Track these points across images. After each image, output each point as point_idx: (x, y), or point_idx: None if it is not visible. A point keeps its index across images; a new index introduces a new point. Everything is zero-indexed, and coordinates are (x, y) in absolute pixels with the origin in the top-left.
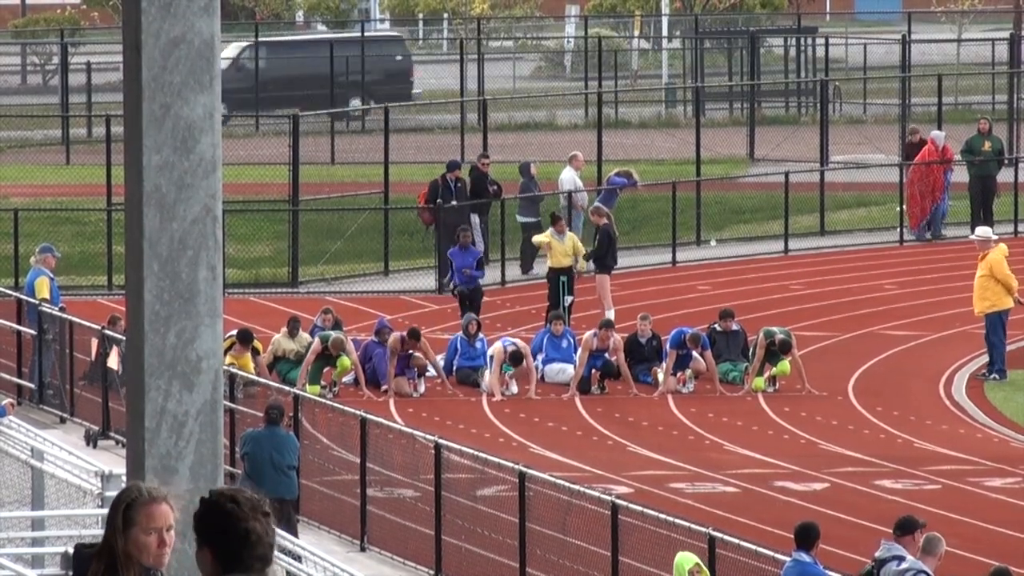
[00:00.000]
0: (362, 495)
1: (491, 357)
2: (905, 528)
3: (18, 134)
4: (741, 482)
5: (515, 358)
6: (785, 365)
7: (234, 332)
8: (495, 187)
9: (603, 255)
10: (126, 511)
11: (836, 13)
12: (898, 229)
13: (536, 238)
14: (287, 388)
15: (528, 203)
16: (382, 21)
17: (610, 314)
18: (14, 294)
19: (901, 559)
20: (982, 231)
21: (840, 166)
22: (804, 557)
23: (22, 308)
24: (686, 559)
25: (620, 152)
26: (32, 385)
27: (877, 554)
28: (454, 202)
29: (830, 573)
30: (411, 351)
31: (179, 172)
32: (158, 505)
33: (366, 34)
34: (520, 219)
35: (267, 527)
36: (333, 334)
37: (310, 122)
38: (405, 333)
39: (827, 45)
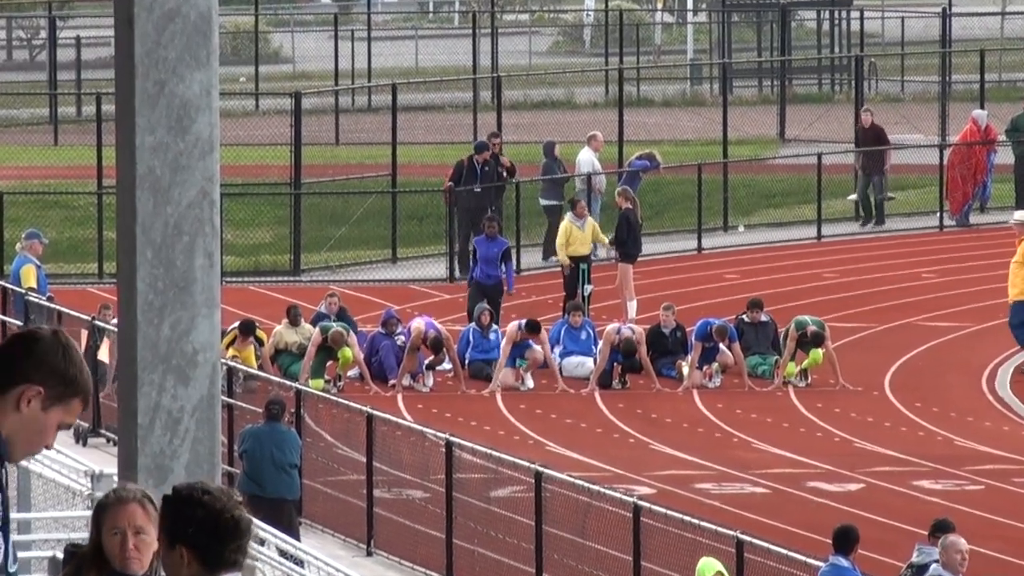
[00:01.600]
0: (368, 496)
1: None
2: (943, 531)
3: (3, 113)
4: (771, 482)
5: (435, 345)
6: (817, 354)
7: (236, 324)
8: (503, 169)
9: (623, 242)
10: (96, 515)
11: None
12: (938, 214)
13: (560, 254)
14: (289, 382)
15: (552, 185)
16: None
17: (632, 305)
18: None
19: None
20: (1021, 215)
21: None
22: (842, 562)
23: (8, 297)
24: (709, 566)
25: (642, 132)
26: None
27: (914, 559)
28: (477, 187)
29: None
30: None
31: (174, 153)
32: (124, 505)
33: None
34: (544, 202)
35: (244, 515)
36: (334, 326)
37: (313, 100)
38: (428, 337)
39: (862, 18)
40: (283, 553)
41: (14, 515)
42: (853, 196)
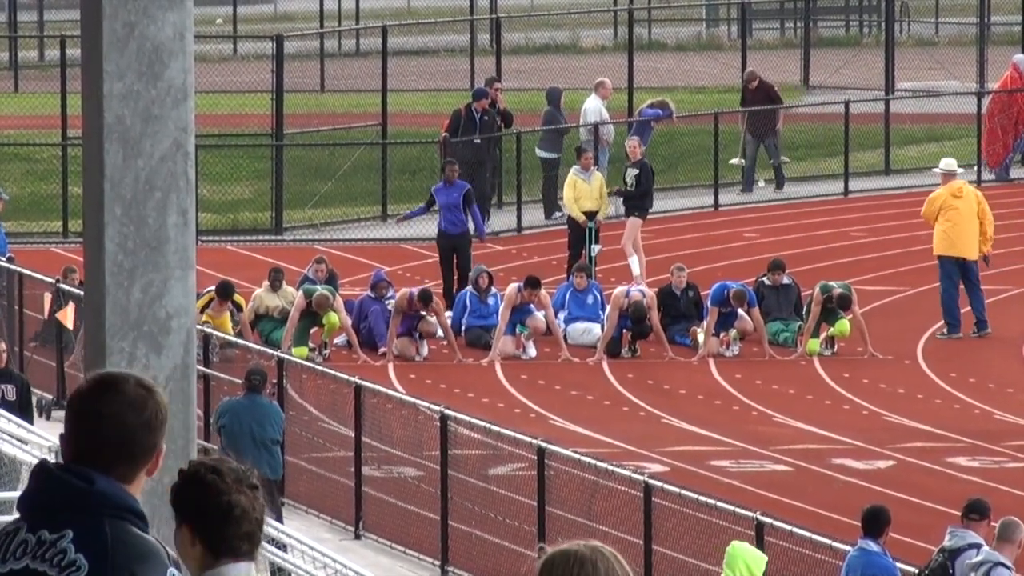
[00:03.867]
0: (357, 474)
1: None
2: (978, 511)
3: None
4: (794, 459)
5: (424, 297)
6: (844, 324)
7: (213, 287)
8: (500, 118)
9: (646, 193)
10: None
11: None
12: (975, 168)
13: (568, 207)
14: (270, 350)
15: (551, 136)
16: None
17: (634, 262)
18: None
19: (978, 548)
20: (946, 163)
21: (908, 94)
22: (871, 546)
23: None
24: (754, 557)
25: (654, 79)
26: None
27: (946, 543)
28: (477, 138)
29: (900, 565)
30: (420, 312)
31: (145, 101)
32: None
33: None
34: (540, 154)
35: (254, 501)
36: (318, 288)
37: (296, 44)
38: (415, 292)
39: None
40: (265, 537)
41: None
42: (737, 160)
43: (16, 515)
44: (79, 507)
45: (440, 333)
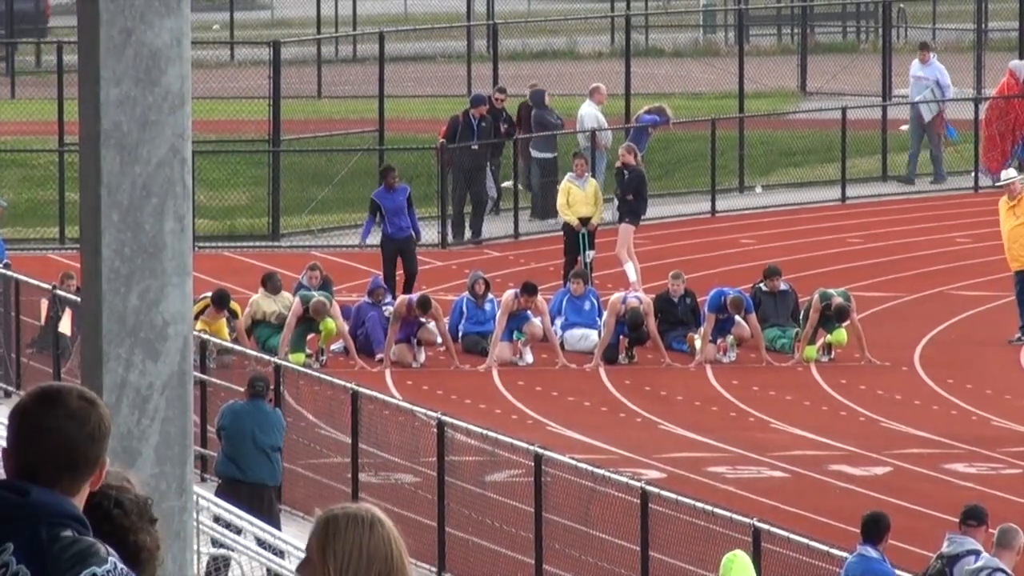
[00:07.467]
0: (353, 481)
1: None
2: (975, 517)
3: None
4: (790, 465)
5: (423, 303)
6: (841, 333)
7: (208, 293)
8: (507, 126)
9: (634, 200)
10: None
11: None
12: (973, 174)
13: (562, 212)
14: (267, 357)
15: (544, 136)
16: None
17: (629, 269)
18: None
19: (976, 554)
20: (1013, 173)
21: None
22: (871, 552)
23: None
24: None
25: (651, 85)
26: None
27: (944, 549)
28: (475, 144)
29: (899, 572)
30: (420, 319)
31: (142, 107)
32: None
33: None
34: (535, 154)
35: (156, 539)
36: (315, 295)
37: (293, 50)
38: (414, 299)
39: None
40: (262, 543)
41: None
42: (508, 183)
43: None
44: (17, 519)
45: (439, 340)
